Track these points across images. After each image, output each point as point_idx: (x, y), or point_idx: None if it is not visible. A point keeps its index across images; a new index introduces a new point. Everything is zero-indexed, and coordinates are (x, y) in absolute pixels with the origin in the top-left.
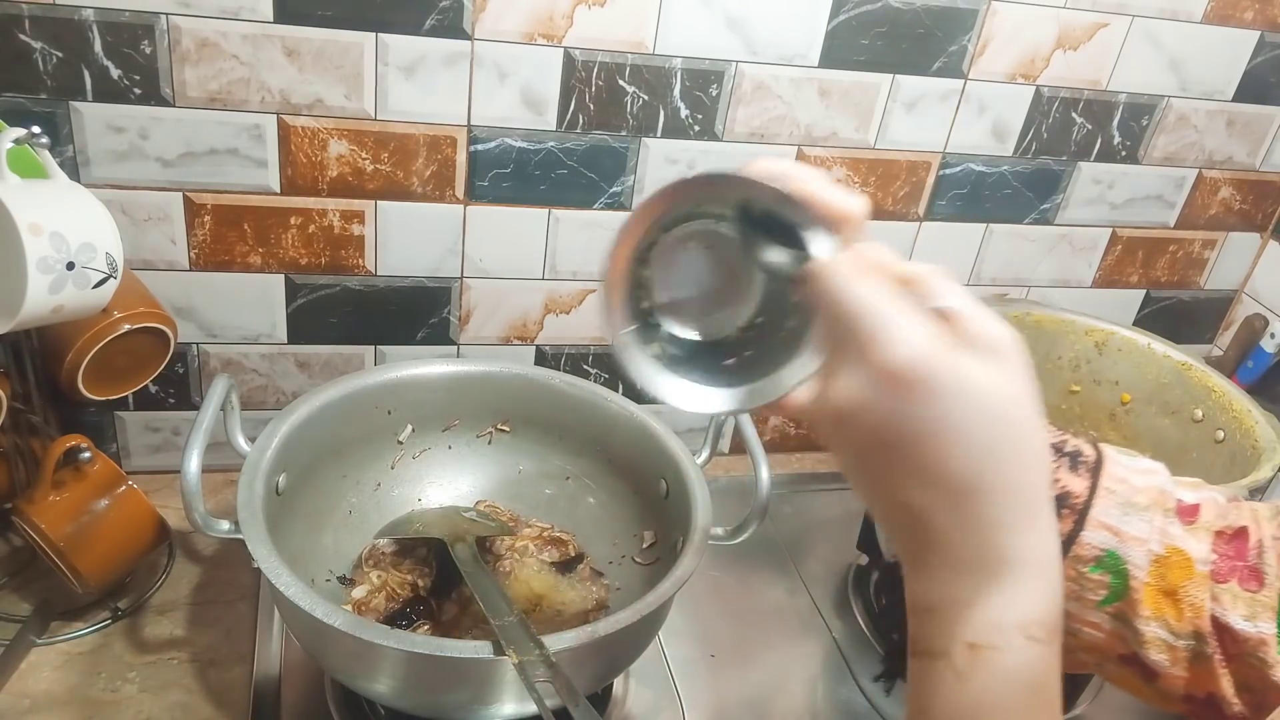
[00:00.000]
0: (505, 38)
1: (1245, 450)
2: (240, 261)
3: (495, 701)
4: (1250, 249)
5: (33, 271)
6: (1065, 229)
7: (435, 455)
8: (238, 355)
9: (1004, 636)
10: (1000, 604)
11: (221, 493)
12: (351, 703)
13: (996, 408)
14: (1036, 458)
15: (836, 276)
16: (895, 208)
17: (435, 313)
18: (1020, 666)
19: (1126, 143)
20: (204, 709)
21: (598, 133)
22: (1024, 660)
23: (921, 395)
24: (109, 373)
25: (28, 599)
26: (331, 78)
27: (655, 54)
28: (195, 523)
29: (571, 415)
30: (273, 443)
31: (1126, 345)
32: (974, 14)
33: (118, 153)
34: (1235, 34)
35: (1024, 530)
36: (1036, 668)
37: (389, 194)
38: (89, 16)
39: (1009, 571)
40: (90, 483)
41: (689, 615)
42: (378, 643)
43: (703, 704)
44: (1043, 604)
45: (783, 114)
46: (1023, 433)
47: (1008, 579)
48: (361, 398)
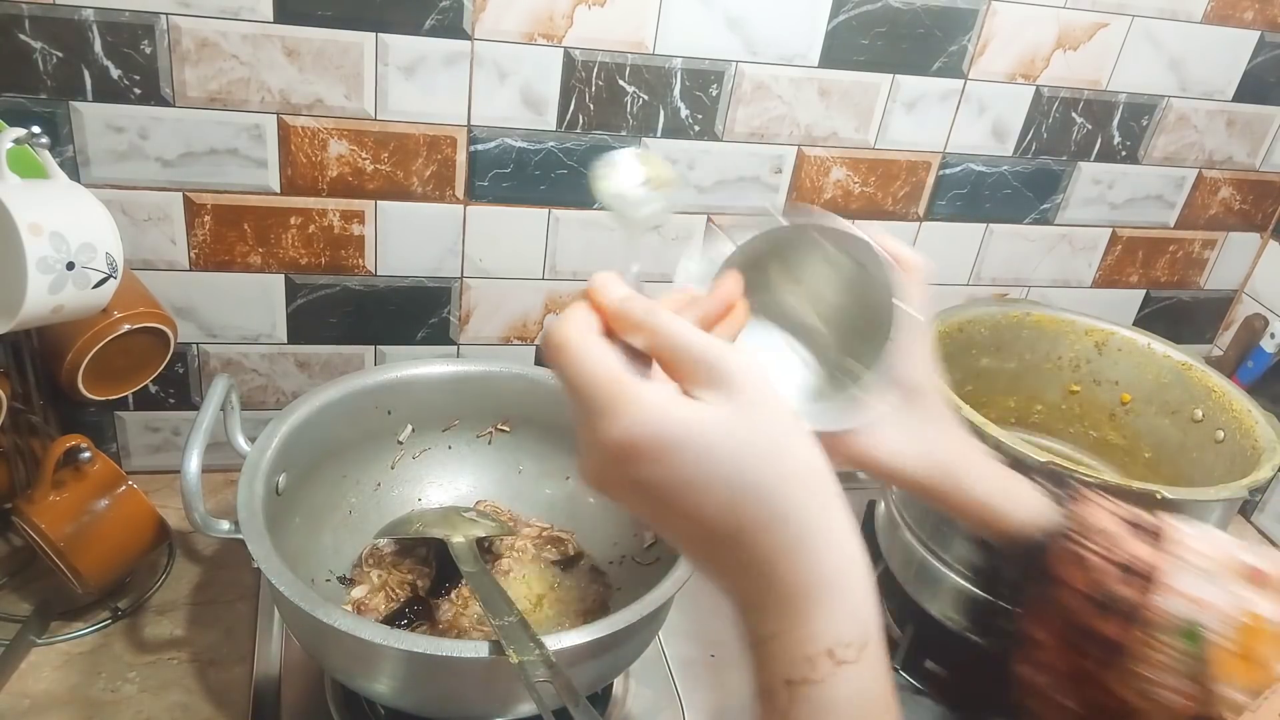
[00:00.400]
0: (505, 38)
1: (1245, 450)
2: (240, 261)
3: (495, 701)
4: (1250, 249)
5: (33, 271)
6: (1065, 229)
7: (435, 455)
8: (238, 355)
9: (814, 668)
10: (804, 634)
11: (221, 493)
12: (351, 703)
13: (732, 445)
14: (797, 478)
15: (561, 351)
16: (895, 208)
17: (435, 313)
18: (838, 693)
19: (1126, 143)
20: (204, 709)
21: (598, 133)
22: (841, 685)
23: (651, 458)
24: (109, 373)
25: (28, 599)
26: (331, 78)
27: (655, 54)
28: (195, 523)
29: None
30: (273, 443)
31: (1126, 345)
32: (974, 14)
33: (118, 153)
34: (1235, 34)
35: (807, 553)
36: (855, 687)
37: (389, 194)
38: (89, 16)
39: (804, 599)
40: (90, 483)
41: (689, 615)
42: (378, 643)
43: (703, 704)
44: (847, 621)
45: (783, 114)
46: (770, 458)
47: (804, 606)
48: (361, 398)
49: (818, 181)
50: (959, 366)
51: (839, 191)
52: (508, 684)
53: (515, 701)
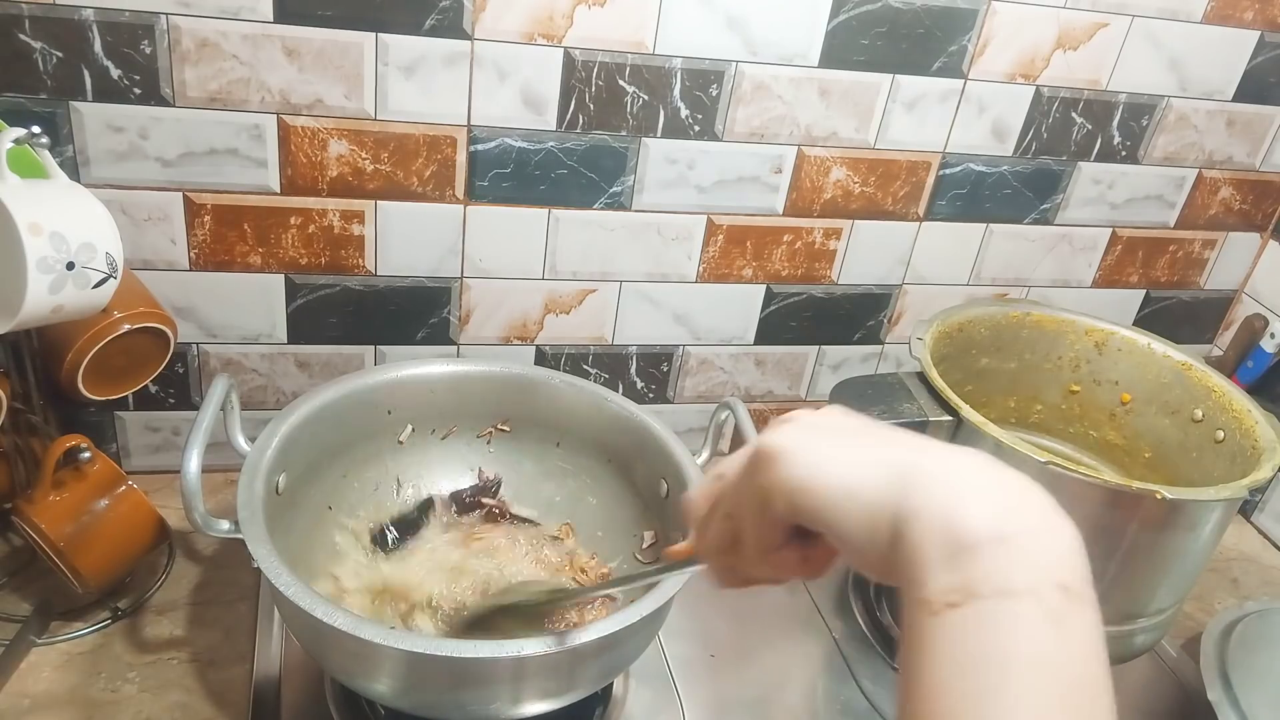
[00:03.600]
0: (505, 38)
1: (1245, 450)
2: (240, 261)
3: (495, 701)
4: (1250, 249)
5: (33, 271)
6: (1065, 229)
7: (435, 455)
8: (238, 355)
9: (1088, 587)
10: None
11: (221, 493)
12: (351, 703)
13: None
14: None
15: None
16: (895, 208)
17: (435, 313)
18: (1099, 624)
19: (1126, 143)
20: (204, 709)
21: (598, 133)
22: (1098, 619)
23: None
24: (109, 373)
25: (28, 599)
26: (331, 78)
27: (655, 54)
28: (195, 523)
29: (571, 415)
30: (273, 443)
31: (1126, 345)
32: (974, 14)
33: (118, 153)
34: (1235, 34)
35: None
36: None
37: (389, 194)
38: (89, 16)
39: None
40: (90, 483)
41: (689, 615)
42: (378, 643)
43: (703, 704)
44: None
45: (783, 114)
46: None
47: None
48: (361, 398)
49: (818, 181)
50: (959, 366)
51: (839, 191)
52: (508, 684)
53: (516, 701)
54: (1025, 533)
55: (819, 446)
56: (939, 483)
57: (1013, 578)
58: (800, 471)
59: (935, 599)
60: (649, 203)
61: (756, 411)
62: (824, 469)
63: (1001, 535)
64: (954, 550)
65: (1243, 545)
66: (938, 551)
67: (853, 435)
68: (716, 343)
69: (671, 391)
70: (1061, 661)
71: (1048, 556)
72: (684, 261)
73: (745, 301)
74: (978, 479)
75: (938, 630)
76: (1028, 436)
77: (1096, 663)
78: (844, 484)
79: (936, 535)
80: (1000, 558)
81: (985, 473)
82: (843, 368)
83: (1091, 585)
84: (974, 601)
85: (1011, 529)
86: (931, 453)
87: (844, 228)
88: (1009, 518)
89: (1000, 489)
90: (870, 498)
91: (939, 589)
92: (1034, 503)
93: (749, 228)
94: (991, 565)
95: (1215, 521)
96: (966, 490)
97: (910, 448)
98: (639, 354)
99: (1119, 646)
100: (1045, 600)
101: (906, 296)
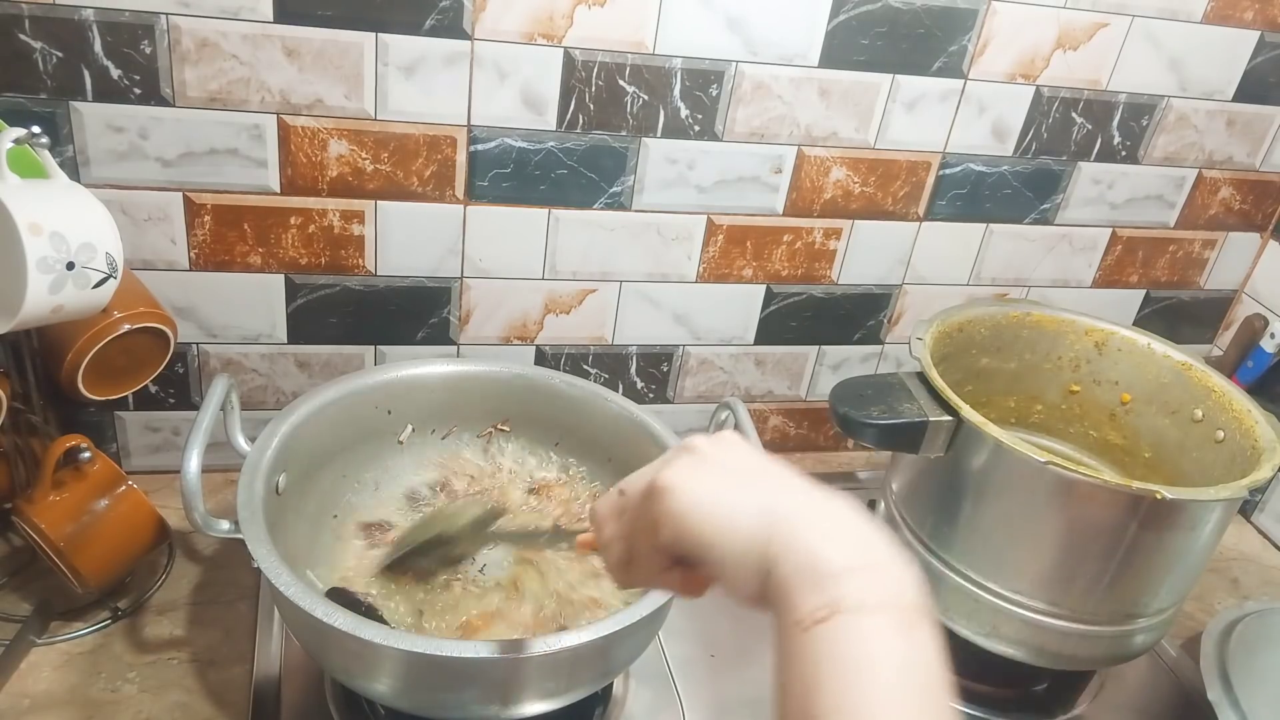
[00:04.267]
0: (505, 38)
1: (1245, 450)
2: (240, 261)
3: (496, 701)
4: (1250, 249)
5: (33, 271)
6: (1065, 229)
7: (435, 455)
8: (238, 355)
9: (927, 609)
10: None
11: (221, 493)
12: (351, 703)
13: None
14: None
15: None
16: (895, 208)
17: (435, 313)
18: (938, 637)
19: (1126, 143)
20: (204, 709)
21: (598, 133)
22: (937, 634)
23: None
24: (109, 373)
25: (28, 599)
26: (331, 78)
27: (655, 54)
28: (195, 523)
29: (571, 415)
30: (273, 443)
31: (1126, 345)
32: (974, 14)
33: (118, 153)
34: (1235, 34)
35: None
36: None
37: (389, 194)
38: (89, 16)
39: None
40: (90, 483)
41: (689, 615)
42: (378, 643)
43: (703, 704)
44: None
45: (783, 114)
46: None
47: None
48: (361, 398)
49: (818, 181)
50: (959, 366)
51: (839, 191)
52: (508, 684)
53: (516, 701)
54: (877, 564)
55: (705, 485)
56: (803, 527)
57: (869, 597)
58: (685, 508)
59: (805, 618)
60: (649, 203)
61: (756, 411)
62: (705, 509)
63: (857, 566)
64: (819, 578)
65: (1243, 545)
66: (805, 581)
67: (737, 475)
68: (716, 343)
69: (671, 391)
70: (914, 662)
71: (896, 582)
72: (684, 261)
73: (745, 301)
74: (837, 523)
75: (809, 644)
76: (1028, 436)
77: (939, 666)
78: (720, 524)
79: (803, 569)
80: (858, 581)
81: (843, 517)
82: (843, 368)
83: (928, 611)
84: (838, 616)
85: (866, 561)
86: (800, 499)
87: (844, 228)
88: (863, 552)
89: (855, 531)
90: (744, 538)
91: (808, 609)
92: (881, 542)
93: (749, 228)
94: (851, 587)
95: (1215, 521)
96: (829, 531)
97: (784, 492)
98: (639, 354)
99: (1119, 646)
100: (899, 613)
101: (906, 296)
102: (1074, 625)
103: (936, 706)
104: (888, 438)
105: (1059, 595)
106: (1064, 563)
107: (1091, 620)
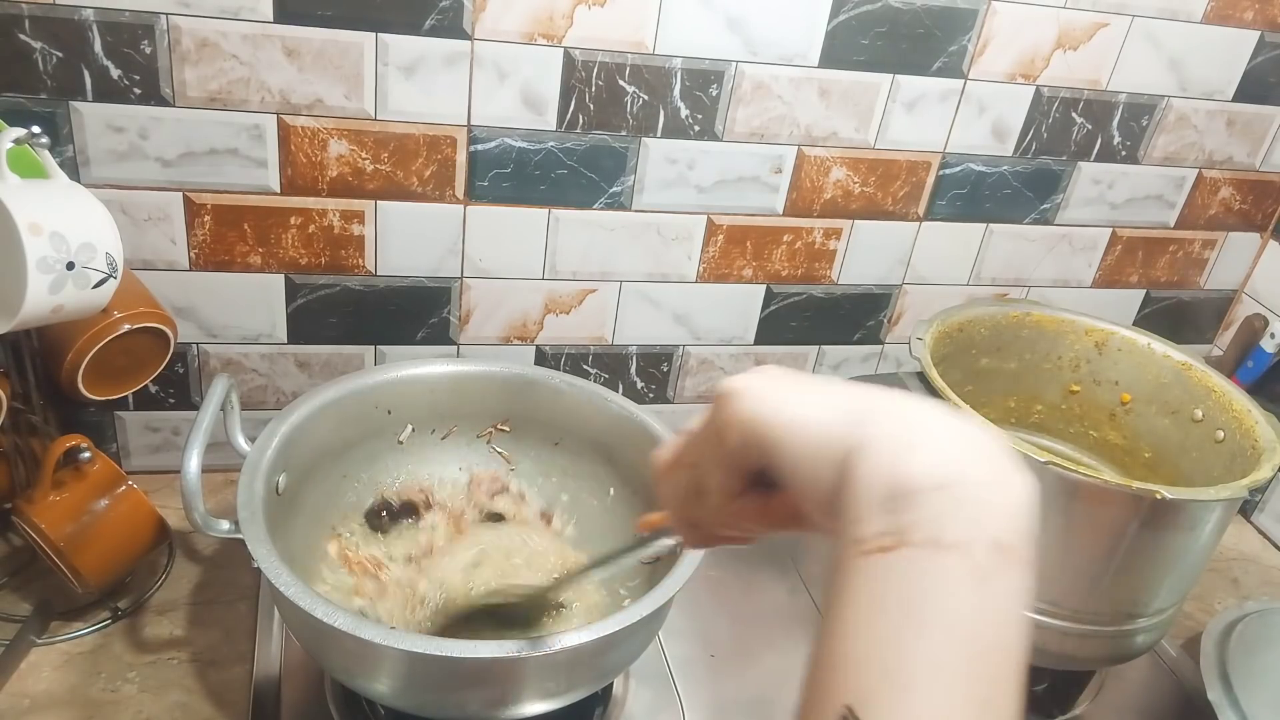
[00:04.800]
0: (505, 38)
1: (1245, 450)
2: (240, 261)
3: (495, 701)
4: (1250, 249)
5: (33, 271)
6: (1065, 229)
7: (435, 455)
8: (238, 355)
9: (1027, 546)
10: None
11: (221, 493)
12: (351, 703)
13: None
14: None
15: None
16: (895, 208)
17: (435, 313)
18: (1026, 587)
19: (1126, 143)
20: (204, 709)
21: (598, 133)
22: (1028, 581)
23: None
24: (109, 373)
25: (28, 599)
26: (331, 78)
27: (655, 54)
28: (195, 523)
29: (571, 415)
30: (273, 443)
31: (1126, 345)
32: (974, 14)
33: (118, 153)
34: (1235, 34)
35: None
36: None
37: (389, 194)
38: (89, 16)
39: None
40: (90, 483)
41: (689, 615)
42: (378, 643)
43: (703, 704)
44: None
45: (783, 114)
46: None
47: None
48: (361, 398)
49: (818, 181)
50: (959, 366)
51: (839, 191)
52: (508, 684)
53: (516, 701)
54: (968, 483)
55: (779, 387)
56: (892, 422)
57: (946, 529)
58: (756, 405)
59: (868, 539)
60: (649, 203)
61: None
62: (779, 405)
63: (943, 483)
64: (894, 493)
65: (1243, 545)
66: (879, 492)
67: (817, 382)
68: (716, 343)
69: (671, 391)
70: (977, 624)
71: (987, 511)
72: (684, 261)
73: (745, 301)
74: (933, 424)
75: (864, 571)
76: (1028, 436)
77: (1013, 628)
78: (797, 418)
79: (880, 475)
80: (936, 506)
81: (942, 420)
82: (843, 368)
83: (1032, 544)
84: (904, 549)
85: (954, 477)
86: (893, 397)
87: (844, 228)
88: (955, 466)
89: (953, 436)
90: (822, 432)
91: (874, 530)
92: (986, 453)
93: (749, 228)
94: (927, 513)
95: (1215, 521)
96: (918, 434)
97: (869, 392)
98: (639, 354)
99: (1119, 646)
100: (974, 557)
101: (906, 296)
102: (1074, 625)
103: (996, 679)
104: None
105: (1059, 595)
106: (1064, 563)
107: (1091, 620)
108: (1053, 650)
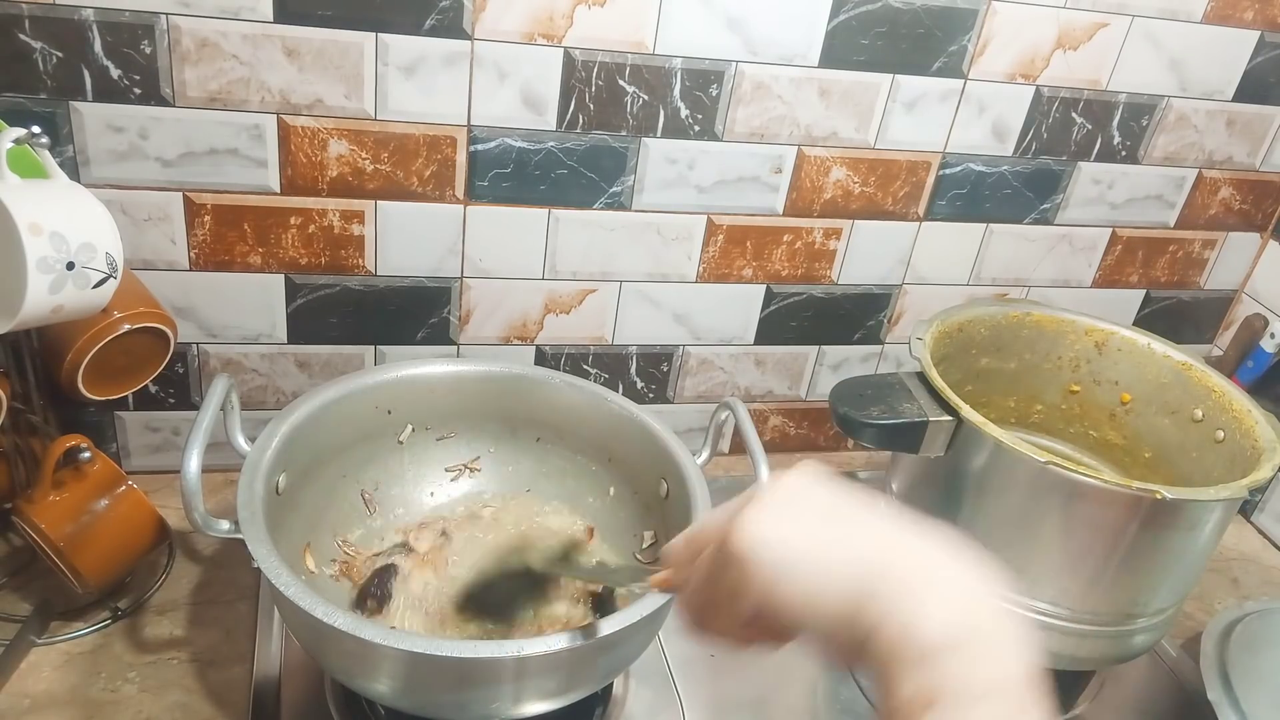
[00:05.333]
0: (505, 38)
1: (1245, 450)
2: (240, 261)
3: (496, 701)
4: (1250, 249)
5: (33, 271)
6: (1065, 229)
7: (435, 455)
8: (238, 355)
9: (1034, 683)
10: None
11: (221, 493)
12: (351, 703)
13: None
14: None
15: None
16: (895, 208)
17: (435, 313)
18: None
19: (1126, 143)
20: (204, 709)
21: (598, 133)
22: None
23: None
24: (109, 373)
25: (28, 599)
26: (331, 78)
27: (655, 54)
28: (195, 523)
29: (571, 415)
30: (273, 443)
31: (1126, 345)
32: (974, 14)
33: (118, 153)
34: (1235, 34)
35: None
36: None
37: (389, 194)
38: (89, 16)
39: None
40: (90, 483)
41: None
42: (378, 643)
43: (703, 704)
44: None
45: (783, 114)
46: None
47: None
48: (361, 398)
49: (818, 181)
50: (959, 366)
51: (839, 191)
52: (508, 684)
53: (516, 701)
54: (982, 636)
55: (787, 545)
56: (900, 590)
57: (974, 681)
58: (768, 575)
59: (904, 705)
60: (649, 203)
61: (756, 411)
62: (790, 575)
63: (961, 640)
64: (918, 656)
65: (1243, 545)
66: (903, 658)
67: (822, 522)
68: (716, 343)
69: (671, 391)
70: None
71: (1004, 658)
72: (684, 261)
73: (745, 301)
74: (936, 584)
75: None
76: (1028, 436)
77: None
78: (809, 592)
79: (901, 643)
80: (960, 661)
81: (942, 573)
82: (843, 368)
83: (1038, 683)
84: (939, 706)
85: (970, 632)
86: (896, 552)
87: (844, 228)
88: (968, 621)
89: (957, 591)
90: (835, 607)
91: (907, 695)
92: (988, 602)
93: (749, 228)
94: (953, 668)
95: (1215, 521)
96: (928, 595)
97: (876, 542)
98: (639, 354)
99: (1119, 646)
100: (1006, 699)
101: (906, 296)
102: (1074, 625)
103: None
104: (888, 438)
105: (1059, 595)
106: (1064, 563)
107: (1091, 620)
108: (1052, 650)
